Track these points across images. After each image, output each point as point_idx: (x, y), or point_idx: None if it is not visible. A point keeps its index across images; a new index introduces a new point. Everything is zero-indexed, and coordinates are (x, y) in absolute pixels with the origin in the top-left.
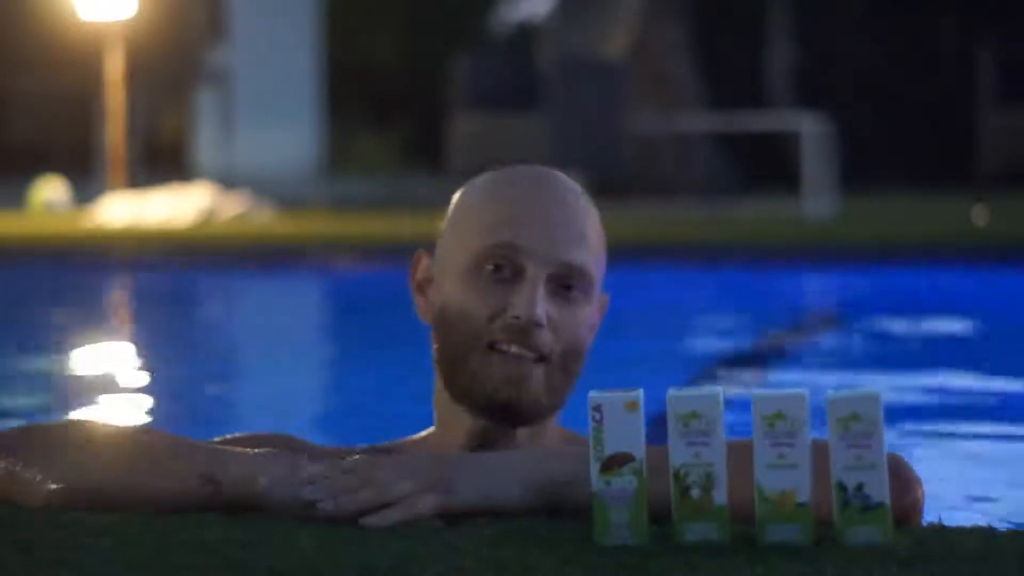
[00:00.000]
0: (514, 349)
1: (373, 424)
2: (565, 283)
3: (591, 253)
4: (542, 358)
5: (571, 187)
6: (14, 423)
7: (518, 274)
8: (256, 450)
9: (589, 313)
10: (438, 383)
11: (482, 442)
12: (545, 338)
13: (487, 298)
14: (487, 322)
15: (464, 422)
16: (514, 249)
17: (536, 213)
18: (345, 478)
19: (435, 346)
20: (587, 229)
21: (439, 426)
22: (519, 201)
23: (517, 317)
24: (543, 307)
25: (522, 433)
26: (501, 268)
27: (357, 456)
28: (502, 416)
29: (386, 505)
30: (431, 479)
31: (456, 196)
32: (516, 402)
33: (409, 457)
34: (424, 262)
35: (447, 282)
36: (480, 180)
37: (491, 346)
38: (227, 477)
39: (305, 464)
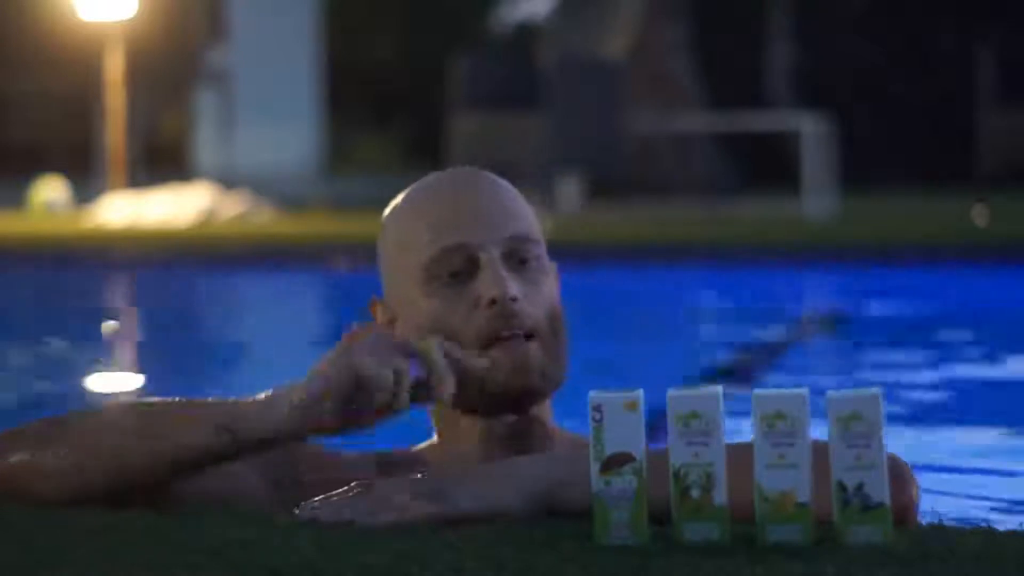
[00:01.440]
0: (504, 332)
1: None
2: (519, 257)
3: (529, 221)
4: (532, 334)
5: (488, 176)
6: (16, 423)
7: (474, 267)
8: (265, 395)
9: (549, 274)
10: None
11: (502, 438)
12: (526, 310)
13: (456, 303)
14: (466, 324)
15: (474, 428)
16: (459, 248)
17: (464, 207)
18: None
19: None
20: (516, 203)
21: (445, 439)
22: (443, 204)
23: (493, 301)
24: (511, 282)
25: (534, 412)
26: (456, 271)
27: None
28: (518, 404)
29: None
30: (428, 489)
31: (382, 230)
32: (527, 385)
33: (407, 475)
34: (379, 307)
35: (411, 311)
36: (397, 206)
37: (485, 346)
38: (243, 424)
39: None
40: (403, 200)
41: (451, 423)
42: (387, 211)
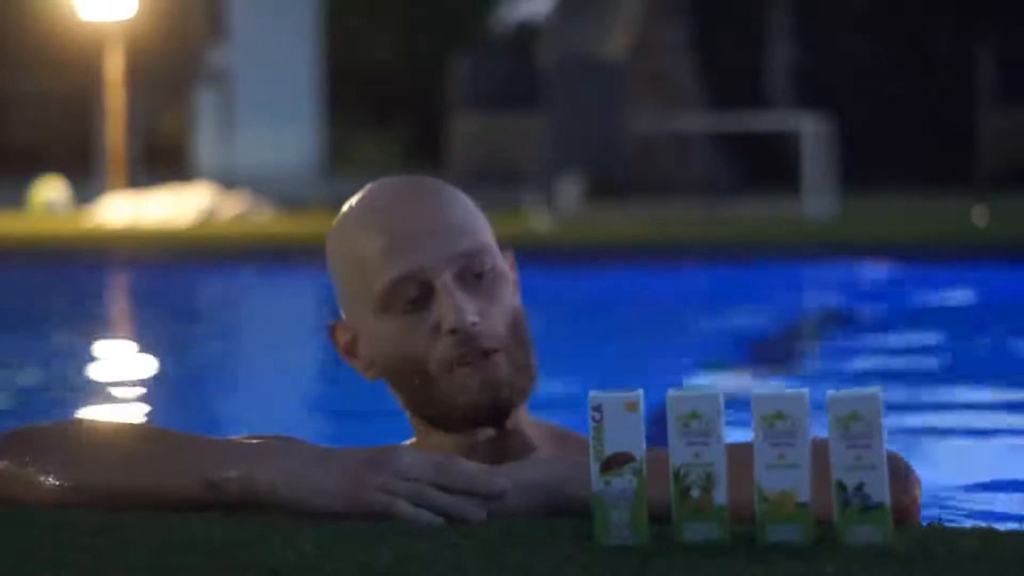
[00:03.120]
0: (469, 358)
1: (373, 424)
2: (474, 271)
3: (477, 230)
4: (496, 349)
5: (432, 187)
6: (16, 423)
7: (430, 292)
8: (253, 442)
9: (507, 281)
10: (411, 417)
11: (480, 449)
12: (487, 331)
13: (416, 329)
14: (430, 349)
15: (450, 441)
16: (412, 276)
17: (411, 228)
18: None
19: (397, 395)
20: (461, 211)
21: (423, 445)
22: (390, 225)
23: (453, 330)
24: (469, 307)
25: (510, 423)
26: (413, 299)
27: None
28: (493, 419)
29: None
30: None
31: (328, 245)
32: (497, 400)
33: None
34: (340, 328)
35: (371, 332)
36: (343, 222)
37: (451, 368)
38: (230, 479)
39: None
40: (350, 217)
41: (426, 435)
42: (333, 226)
